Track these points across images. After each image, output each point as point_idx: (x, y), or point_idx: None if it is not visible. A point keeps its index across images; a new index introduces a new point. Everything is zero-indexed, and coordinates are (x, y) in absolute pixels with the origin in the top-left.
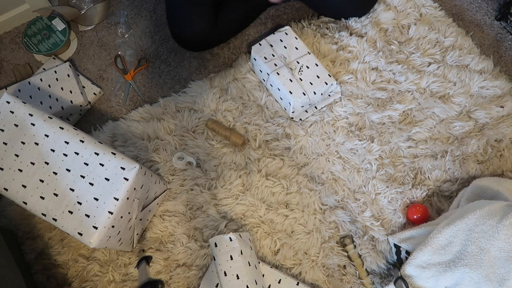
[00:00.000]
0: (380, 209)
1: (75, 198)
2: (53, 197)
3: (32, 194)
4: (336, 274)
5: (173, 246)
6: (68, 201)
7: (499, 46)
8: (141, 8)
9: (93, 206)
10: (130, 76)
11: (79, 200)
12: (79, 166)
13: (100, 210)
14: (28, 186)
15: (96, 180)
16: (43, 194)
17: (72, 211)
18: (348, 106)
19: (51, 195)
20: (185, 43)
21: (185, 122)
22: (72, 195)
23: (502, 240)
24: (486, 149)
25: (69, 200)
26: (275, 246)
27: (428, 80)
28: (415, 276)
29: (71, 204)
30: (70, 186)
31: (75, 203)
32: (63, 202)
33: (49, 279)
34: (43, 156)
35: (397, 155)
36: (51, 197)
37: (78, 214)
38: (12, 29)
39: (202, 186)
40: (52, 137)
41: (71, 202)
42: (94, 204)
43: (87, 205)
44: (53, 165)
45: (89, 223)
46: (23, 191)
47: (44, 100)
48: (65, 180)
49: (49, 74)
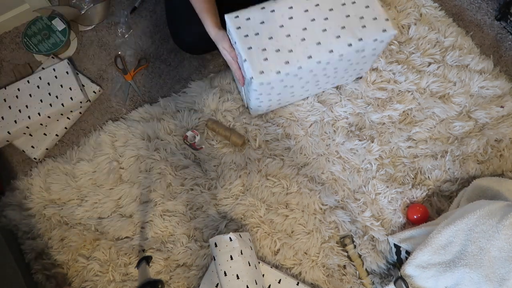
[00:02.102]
0: (380, 209)
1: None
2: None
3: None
4: (336, 274)
5: (173, 246)
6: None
7: (499, 46)
8: (141, 8)
9: None
10: (130, 76)
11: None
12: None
13: None
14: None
15: None
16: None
17: None
18: (348, 106)
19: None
20: (184, 45)
21: (185, 122)
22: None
23: (502, 240)
24: (486, 149)
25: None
26: (275, 246)
27: (428, 80)
28: (415, 276)
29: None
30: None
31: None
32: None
33: (49, 279)
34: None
35: (397, 155)
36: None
37: None
38: (12, 29)
39: (202, 186)
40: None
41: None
42: None
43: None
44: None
45: None
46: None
47: (44, 98)
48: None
49: (48, 72)
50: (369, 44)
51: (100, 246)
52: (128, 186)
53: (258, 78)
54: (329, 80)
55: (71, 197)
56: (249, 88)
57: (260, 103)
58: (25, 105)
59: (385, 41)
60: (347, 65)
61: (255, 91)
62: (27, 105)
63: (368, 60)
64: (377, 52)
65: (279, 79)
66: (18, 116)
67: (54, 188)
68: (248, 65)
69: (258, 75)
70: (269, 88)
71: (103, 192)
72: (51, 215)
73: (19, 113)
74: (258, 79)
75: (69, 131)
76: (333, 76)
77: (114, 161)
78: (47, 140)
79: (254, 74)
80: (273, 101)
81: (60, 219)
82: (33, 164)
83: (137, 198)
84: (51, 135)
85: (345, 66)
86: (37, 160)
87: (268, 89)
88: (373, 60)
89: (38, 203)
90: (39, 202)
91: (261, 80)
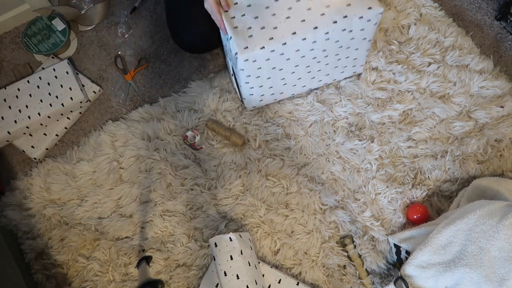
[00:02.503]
0: (380, 209)
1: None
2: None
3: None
4: (336, 274)
5: (173, 246)
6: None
7: (499, 46)
8: (141, 8)
9: None
10: (130, 76)
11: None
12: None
13: None
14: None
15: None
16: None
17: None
18: (348, 106)
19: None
20: (185, 46)
21: (185, 122)
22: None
23: (502, 240)
24: (486, 149)
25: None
26: (275, 246)
27: (428, 80)
28: (415, 276)
29: None
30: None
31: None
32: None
33: (49, 279)
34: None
35: (397, 155)
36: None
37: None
38: (12, 29)
39: (202, 186)
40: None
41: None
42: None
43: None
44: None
45: None
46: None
47: (44, 98)
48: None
49: (48, 72)
50: (356, 22)
51: (100, 246)
52: (128, 186)
53: (242, 53)
54: (322, 68)
55: (71, 197)
56: (237, 70)
57: (251, 90)
58: (25, 105)
59: (372, 21)
60: (336, 48)
61: (242, 71)
62: (27, 105)
63: (360, 46)
64: (367, 35)
65: (265, 57)
66: (18, 116)
67: (54, 188)
68: (233, 41)
69: (242, 51)
70: (256, 68)
71: (103, 192)
72: (51, 215)
73: (19, 113)
74: (243, 55)
75: (69, 131)
76: (324, 63)
77: (114, 161)
78: (47, 140)
79: (238, 50)
80: (265, 89)
81: (60, 219)
82: (33, 164)
83: (137, 198)
84: (51, 135)
85: (335, 49)
86: (37, 160)
87: (255, 70)
88: (367, 49)
89: (38, 203)
90: (39, 202)
91: (246, 56)
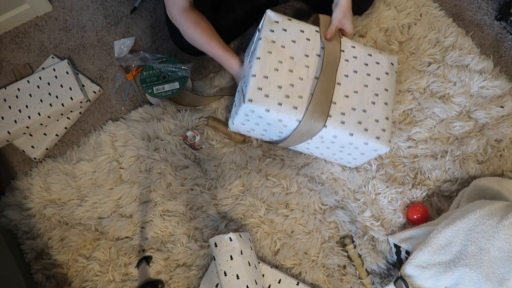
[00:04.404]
0: (380, 209)
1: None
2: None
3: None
4: (336, 274)
5: (173, 246)
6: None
7: (499, 46)
8: (141, 8)
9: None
10: (131, 75)
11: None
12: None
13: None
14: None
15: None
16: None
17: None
18: None
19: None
20: (184, 47)
21: (185, 122)
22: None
23: (502, 240)
24: (486, 149)
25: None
26: (275, 246)
27: (428, 80)
28: (415, 276)
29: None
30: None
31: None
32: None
33: (49, 279)
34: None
35: (397, 155)
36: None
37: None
38: (12, 29)
39: (202, 186)
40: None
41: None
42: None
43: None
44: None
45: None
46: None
47: (44, 98)
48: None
49: (48, 72)
50: (361, 145)
51: (100, 246)
52: (128, 186)
53: (247, 104)
54: (321, 150)
55: (71, 197)
56: (239, 107)
57: (242, 126)
58: (25, 105)
59: (376, 151)
60: (339, 147)
61: (241, 112)
62: (27, 105)
63: (360, 157)
64: (367, 156)
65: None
66: (18, 116)
67: (54, 188)
68: (250, 83)
69: (248, 102)
70: (257, 117)
71: (103, 192)
72: (51, 215)
73: (19, 113)
74: (247, 105)
75: (69, 131)
76: (325, 147)
77: (114, 161)
78: (47, 140)
79: (248, 97)
80: (257, 133)
81: (60, 219)
82: (33, 164)
83: (137, 198)
84: (51, 135)
85: (338, 147)
86: (37, 160)
87: (256, 119)
88: (368, 159)
89: (38, 203)
90: (39, 202)
91: (250, 107)
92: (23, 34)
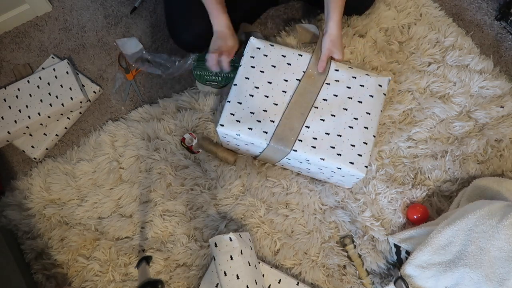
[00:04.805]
0: (380, 209)
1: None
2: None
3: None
4: (336, 274)
5: (173, 246)
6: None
7: (499, 46)
8: (141, 8)
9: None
10: (131, 75)
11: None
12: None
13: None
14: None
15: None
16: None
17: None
18: None
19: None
20: (184, 45)
21: (185, 122)
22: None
23: (502, 240)
24: (486, 149)
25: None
26: (275, 246)
27: (428, 80)
28: (415, 276)
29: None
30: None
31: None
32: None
33: (49, 279)
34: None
35: (397, 155)
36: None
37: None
38: (12, 29)
39: (202, 186)
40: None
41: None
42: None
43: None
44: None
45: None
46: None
47: (44, 98)
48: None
49: (48, 72)
50: (337, 170)
51: (100, 246)
52: (128, 186)
53: (219, 128)
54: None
55: (71, 197)
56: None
57: (228, 143)
58: (25, 105)
59: (352, 179)
60: (317, 169)
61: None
62: (27, 105)
63: (327, 174)
64: (347, 183)
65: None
66: (18, 116)
67: (54, 188)
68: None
69: (219, 126)
70: (233, 138)
71: (103, 192)
72: (51, 215)
73: (19, 113)
74: (219, 129)
75: (69, 131)
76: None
77: (114, 161)
78: (47, 140)
79: (220, 122)
80: (242, 150)
81: (60, 219)
82: (33, 164)
83: (137, 198)
84: (51, 135)
85: (317, 170)
86: (37, 160)
87: (233, 140)
88: (352, 184)
89: (38, 203)
90: (39, 202)
91: (223, 131)
92: (23, 34)
